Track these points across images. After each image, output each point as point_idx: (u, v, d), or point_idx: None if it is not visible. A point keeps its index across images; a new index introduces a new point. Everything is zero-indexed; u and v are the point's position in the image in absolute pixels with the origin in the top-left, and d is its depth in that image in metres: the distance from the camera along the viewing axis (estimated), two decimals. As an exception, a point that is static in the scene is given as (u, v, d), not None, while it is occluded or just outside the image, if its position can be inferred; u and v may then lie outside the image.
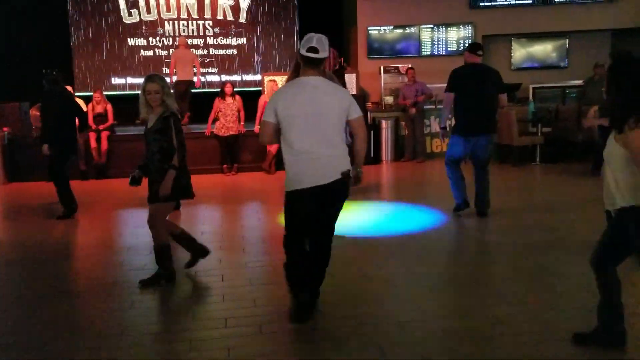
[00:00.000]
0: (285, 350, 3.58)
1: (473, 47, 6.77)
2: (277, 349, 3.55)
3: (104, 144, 10.10)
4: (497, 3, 12.86)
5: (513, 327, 3.71)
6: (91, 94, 10.87)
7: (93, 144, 10.03)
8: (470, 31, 12.93)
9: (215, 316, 4.05)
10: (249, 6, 13.77)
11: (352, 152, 3.87)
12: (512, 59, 13.24)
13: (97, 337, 3.75)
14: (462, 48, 12.94)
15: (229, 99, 10.32)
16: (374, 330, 3.71)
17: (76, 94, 10.71)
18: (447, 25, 12.97)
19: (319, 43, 3.70)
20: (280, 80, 10.68)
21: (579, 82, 11.97)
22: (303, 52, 3.71)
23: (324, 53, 3.72)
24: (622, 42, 13.00)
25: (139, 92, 4.55)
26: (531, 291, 4.34)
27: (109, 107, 10.44)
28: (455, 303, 4.24)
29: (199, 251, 4.92)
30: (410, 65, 11.74)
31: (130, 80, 13.42)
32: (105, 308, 4.25)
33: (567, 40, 13.25)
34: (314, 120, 3.67)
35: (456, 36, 13.04)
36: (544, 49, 13.50)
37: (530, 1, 12.80)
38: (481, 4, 12.85)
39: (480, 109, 6.42)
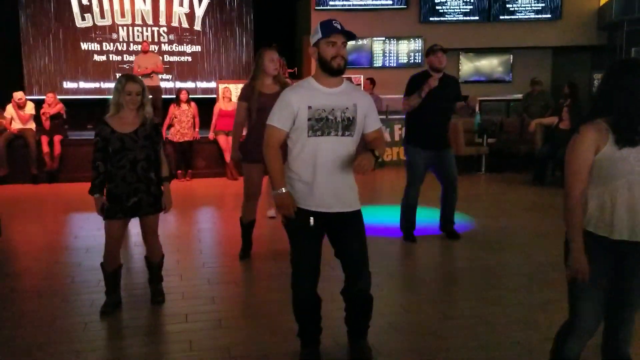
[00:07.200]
0: (247, 342, 3.70)
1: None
2: (238, 342, 3.70)
3: (57, 149, 9.97)
4: (445, 18, 13.36)
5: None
6: (42, 97, 10.76)
7: (45, 148, 9.89)
8: (420, 44, 13.39)
9: (175, 312, 4.19)
10: (205, 14, 13.91)
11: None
12: (460, 72, 13.77)
13: (61, 332, 3.85)
14: (412, 60, 13.42)
15: (184, 106, 10.41)
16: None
17: (27, 97, 10.59)
18: (398, 38, 13.40)
19: None
20: (235, 88, 10.82)
21: (520, 95, 12.61)
22: None
23: None
24: (563, 59, 13.73)
25: (91, 96, 4.28)
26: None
27: (60, 106, 10.33)
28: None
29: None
30: (368, 77, 12.00)
31: (82, 84, 13.28)
32: (65, 307, 4.34)
33: (511, 55, 13.87)
34: None
35: (407, 49, 13.49)
36: (489, 64, 14.10)
37: (477, 18, 13.36)
38: (431, 18, 13.34)
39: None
